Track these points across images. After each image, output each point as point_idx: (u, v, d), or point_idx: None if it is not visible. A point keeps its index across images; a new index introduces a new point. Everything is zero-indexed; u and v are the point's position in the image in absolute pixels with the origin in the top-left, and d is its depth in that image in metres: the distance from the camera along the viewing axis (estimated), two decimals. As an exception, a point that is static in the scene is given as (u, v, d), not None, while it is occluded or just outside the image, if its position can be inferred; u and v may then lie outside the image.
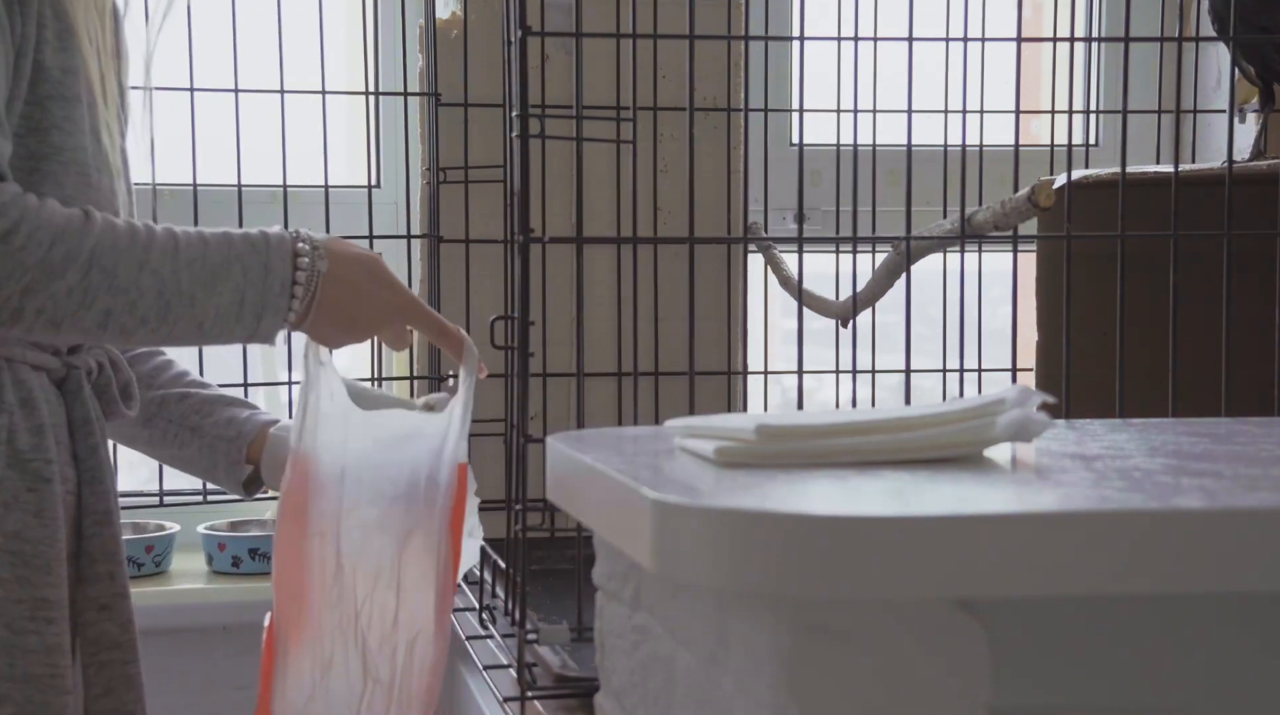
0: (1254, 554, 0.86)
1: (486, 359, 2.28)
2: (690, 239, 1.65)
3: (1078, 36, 2.21)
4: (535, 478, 1.43)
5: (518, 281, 1.63)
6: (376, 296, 1.54)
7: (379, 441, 1.57)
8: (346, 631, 1.55)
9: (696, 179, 1.67)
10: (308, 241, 1.50)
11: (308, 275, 1.49)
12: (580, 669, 1.70)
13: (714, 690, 1.00)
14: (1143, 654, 0.94)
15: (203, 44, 2.18)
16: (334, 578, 1.55)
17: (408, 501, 1.55)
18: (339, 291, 1.51)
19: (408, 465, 1.56)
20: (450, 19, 2.34)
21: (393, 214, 2.52)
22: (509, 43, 2.05)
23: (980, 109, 2.15)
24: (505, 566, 1.80)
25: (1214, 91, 2.63)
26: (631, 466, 1.01)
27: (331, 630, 1.55)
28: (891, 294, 1.97)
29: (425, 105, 2.35)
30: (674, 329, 2.05)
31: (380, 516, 1.55)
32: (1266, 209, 1.72)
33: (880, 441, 1.02)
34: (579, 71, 1.60)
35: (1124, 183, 1.68)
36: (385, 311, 1.55)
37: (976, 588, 0.85)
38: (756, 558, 0.85)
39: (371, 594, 1.55)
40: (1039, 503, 0.92)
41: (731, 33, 2.24)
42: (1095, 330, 1.76)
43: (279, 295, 1.48)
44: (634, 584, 1.15)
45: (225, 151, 2.22)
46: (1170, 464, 1.03)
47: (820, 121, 2.54)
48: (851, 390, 1.98)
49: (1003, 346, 2.00)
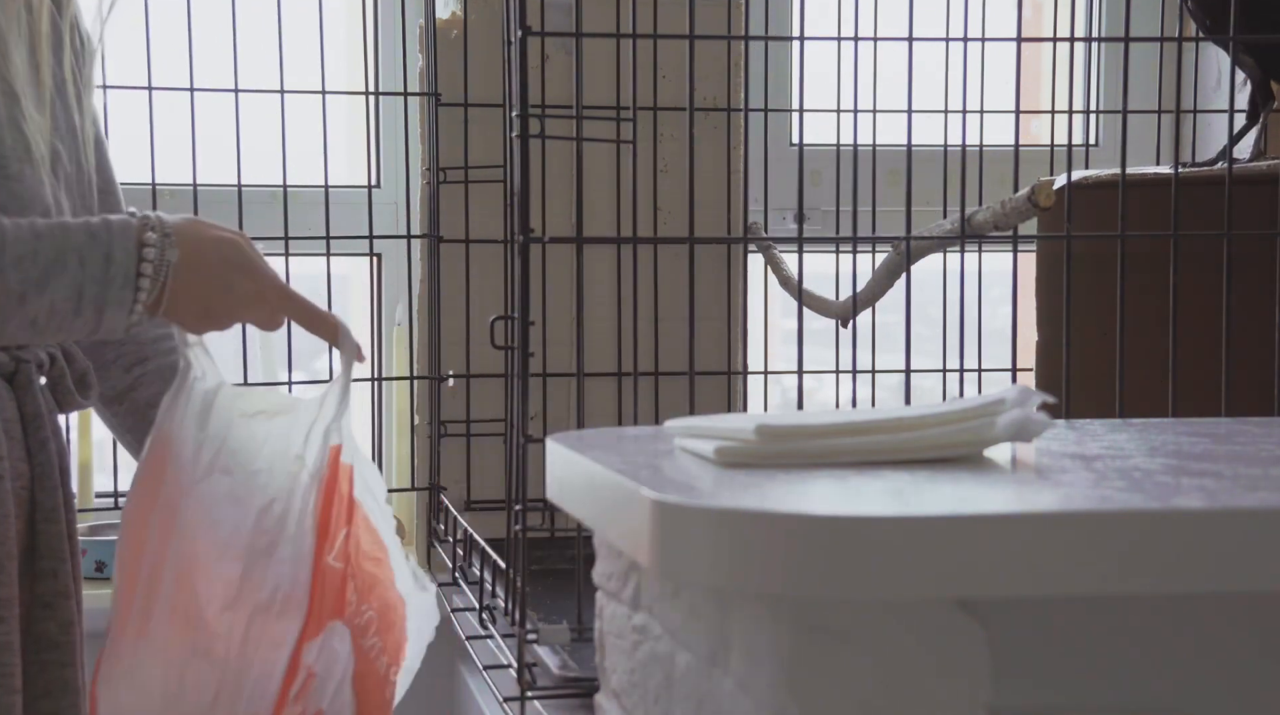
0: (1254, 554, 0.86)
1: (487, 358, 2.28)
2: (690, 239, 1.65)
3: (1078, 36, 2.21)
4: (535, 478, 1.43)
5: (518, 281, 1.63)
6: (235, 284, 1.47)
7: (244, 415, 1.52)
8: (175, 602, 1.47)
9: (696, 179, 1.67)
10: (157, 228, 1.43)
11: (155, 265, 1.42)
12: (580, 669, 1.70)
13: (714, 690, 1.00)
14: (1142, 654, 0.94)
15: (203, 44, 2.18)
16: (169, 547, 1.48)
17: (269, 474, 1.50)
18: (193, 279, 1.44)
19: (272, 440, 1.51)
20: (450, 19, 2.34)
21: (393, 214, 2.52)
22: (509, 43, 2.05)
23: (980, 109, 2.15)
24: (505, 566, 1.80)
25: (1214, 91, 2.63)
26: (631, 466, 1.01)
27: (161, 600, 1.48)
28: (891, 294, 1.97)
29: (425, 105, 2.35)
30: (674, 329, 2.05)
31: (233, 487, 1.50)
32: (1266, 209, 1.72)
33: (880, 441, 1.02)
34: (579, 71, 1.60)
35: (1124, 183, 1.68)
36: (245, 300, 1.48)
37: (976, 588, 0.86)
38: (756, 558, 0.85)
39: (216, 563, 1.48)
40: (1039, 503, 0.92)
41: (731, 33, 2.24)
42: (1095, 330, 1.76)
43: (122, 287, 1.41)
44: (634, 584, 1.15)
45: (225, 151, 2.22)
46: (1170, 464, 1.03)
47: (820, 121, 2.54)
48: (851, 390, 1.98)
49: (1003, 346, 2.00)
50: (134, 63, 2.18)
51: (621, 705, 1.19)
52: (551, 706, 1.66)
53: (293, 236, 2.24)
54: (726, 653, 0.98)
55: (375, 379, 2.45)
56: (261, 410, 1.53)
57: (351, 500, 1.51)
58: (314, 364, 2.65)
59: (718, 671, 0.99)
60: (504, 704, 1.73)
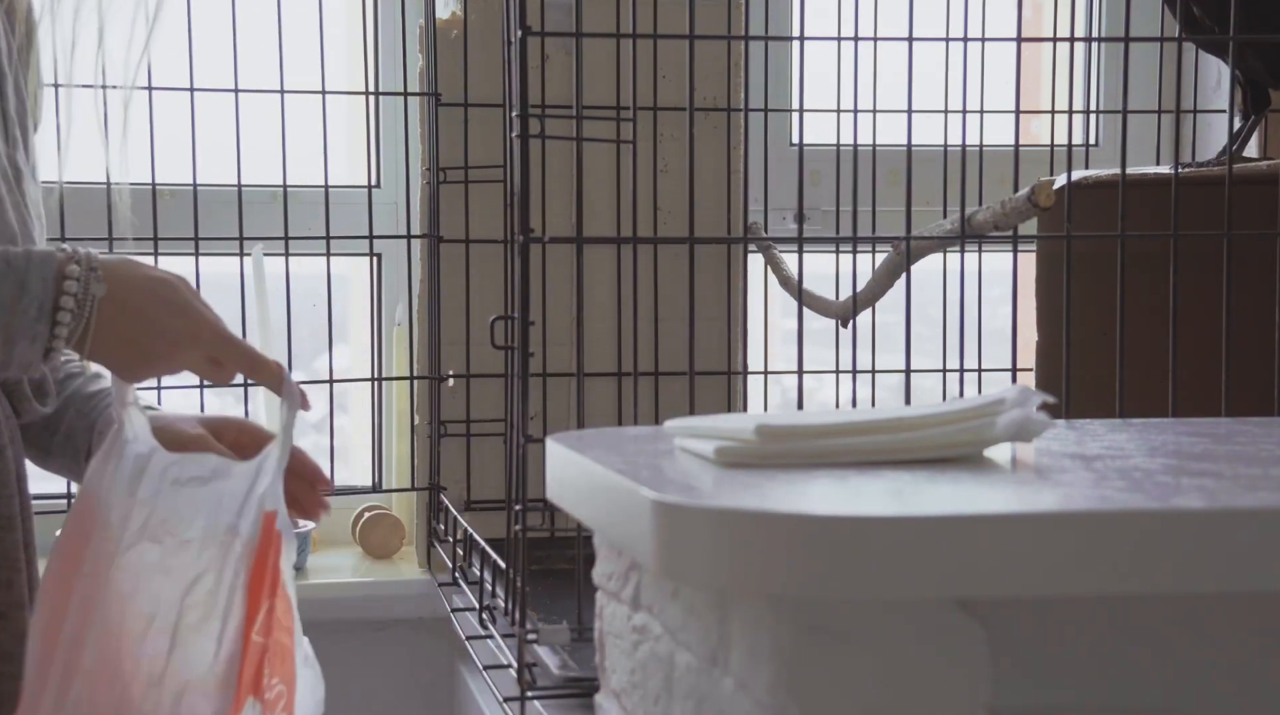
0: (1254, 554, 0.86)
1: (487, 359, 2.28)
2: (690, 239, 1.65)
3: (1078, 36, 2.20)
4: (535, 478, 1.43)
5: (518, 281, 1.63)
6: (166, 324, 1.38)
7: (177, 483, 1.43)
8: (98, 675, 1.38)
9: (696, 179, 1.67)
10: (84, 262, 1.36)
11: (77, 300, 1.35)
12: (580, 669, 1.70)
13: (714, 690, 1.00)
14: (1142, 654, 0.94)
15: (203, 44, 2.18)
16: (94, 615, 1.39)
17: (200, 546, 1.40)
18: (120, 317, 1.37)
19: (205, 509, 1.42)
20: (450, 19, 2.34)
21: (393, 214, 2.52)
22: (509, 43, 2.05)
23: (980, 109, 2.15)
24: (505, 566, 1.80)
25: (1214, 91, 2.63)
26: (631, 466, 1.01)
27: (82, 672, 1.38)
28: (891, 294, 1.97)
29: (425, 105, 2.35)
30: (674, 329, 2.05)
31: (163, 557, 1.40)
32: (1267, 209, 1.72)
33: (880, 441, 1.02)
34: (579, 71, 1.60)
35: (1124, 183, 1.68)
36: (178, 340, 1.39)
37: (976, 588, 0.86)
38: (756, 558, 0.85)
39: (143, 637, 1.39)
40: (1039, 503, 0.92)
41: (731, 33, 2.24)
42: (1095, 330, 1.76)
43: (35, 320, 1.34)
44: (634, 584, 1.15)
45: (225, 151, 2.22)
46: (1170, 464, 1.03)
47: (820, 121, 2.54)
48: (851, 390, 1.98)
49: (1003, 346, 2.00)
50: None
51: (621, 705, 1.19)
52: (551, 706, 1.66)
53: (293, 236, 2.24)
54: (726, 653, 0.98)
55: (375, 379, 2.45)
56: (195, 476, 1.44)
57: (277, 570, 1.42)
58: (314, 364, 2.64)
59: (718, 671, 0.99)
60: (504, 704, 1.73)
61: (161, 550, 1.41)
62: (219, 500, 1.42)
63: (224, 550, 1.40)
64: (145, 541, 1.41)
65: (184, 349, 1.40)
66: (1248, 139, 2.02)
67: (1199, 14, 1.96)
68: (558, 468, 1.15)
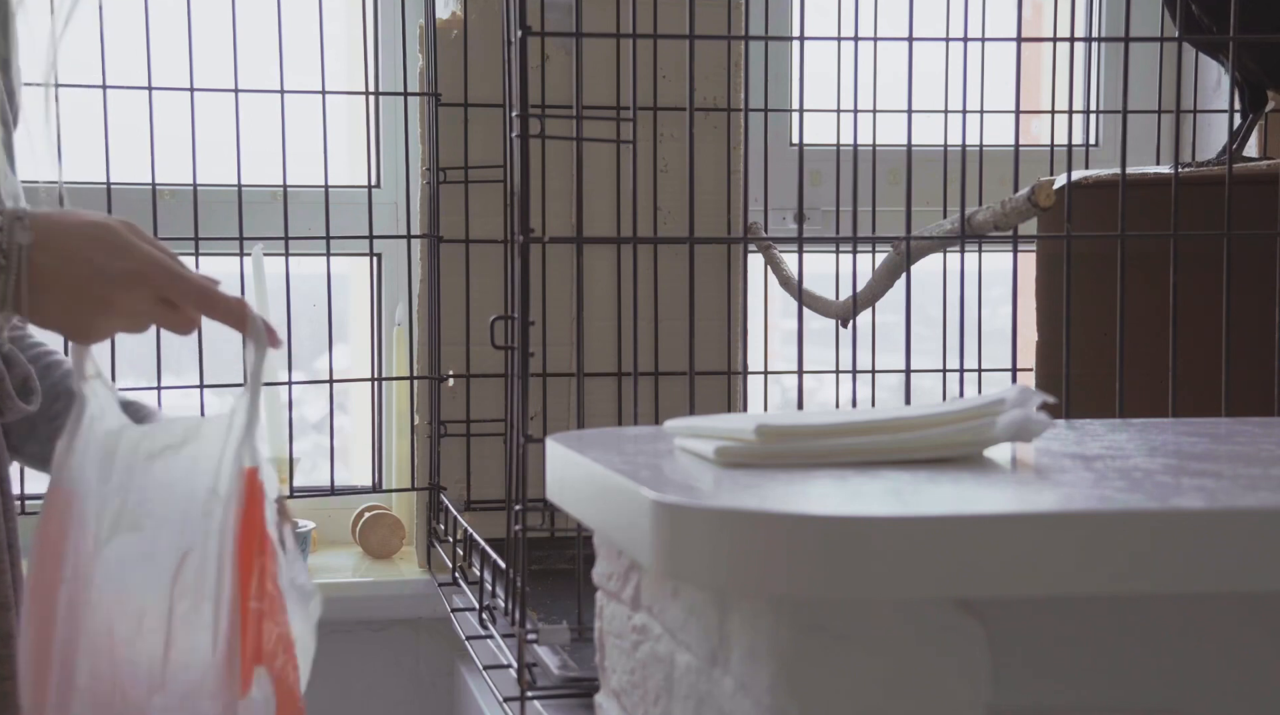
0: (1254, 554, 0.86)
1: (487, 358, 2.28)
2: (690, 239, 1.65)
3: (1078, 36, 2.20)
4: (535, 478, 1.43)
5: (518, 281, 1.63)
6: (108, 265, 1.27)
7: (150, 456, 1.31)
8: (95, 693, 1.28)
9: (696, 179, 1.67)
10: (6, 214, 1.28)
11: (2, 250, 1.26)
12: (580, 669, 1.70)
13: (714, 690, 1.00)
14: (1142, 654, 0.94)
15: (203, 44, 2.18)
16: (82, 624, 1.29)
17: (181, 521, 1.28)
18: (55, 265, 1.27)
19: (180, 478, 1.29)
20: (450, 19, 2.34)
21: (393, 214, 2.52)
22: (509, 43, 2.05)
23: (980, 109, 2.15)
24: (505, 566, 1.80)
25: (1214, 91, 2.63)
26: (631, 466, 1.01)
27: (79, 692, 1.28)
28: (891, 294, 1.97)
29: (425, 105, 2.35)
30: (674, 329, 2.05)
31: (144, 544, 1.28)
32: (1267, 209, 1.72)
33: (880, 441, 1.02)
34: (579, 71, 1.60)
35: (1124, 183, 1.68)
36: (122, 282, 1.28)
37: (976, 588, 0.86)
38: (756, 558, 0.85)
39: (134, 640, 1.28)
40: (1039, 503, 0.92)
41: (731, 33, 2.24)
42: (1095, 330, 1.76)
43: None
44: (634, 584, 1.15)
45: (225, 151, 2.22)
46: (1170, 464, 1.03)
47: (820, 121, 2.54)
48: (851, 390, 1.98)
49: (1003, 346, 2.00)
50: (134, 62, 2.18)
51: (621, 705, 1.19)
52: (551, 706, 1.66)
53: (293, 236, 2.24)
54: (726, 653, 0.98)
55: (375, 379, 2.45)
56: (167, 445, 1.31)
57: (264, 528, 1.30)
58: (314, 364, 2.64)
59: (718, 671, 0.99)
60: (504, 704, 1.73)
61: (142, 537, 1.30)
62: (194, 463, 1.30)
63: (207, 521, 1.28)
64: (124, 532, 1.30)
65: (129, 289, 1.28)
66: (1246, 138, 2.02)
67: (1198, 14, 1.96)
68: (558, 468, 1.15)
